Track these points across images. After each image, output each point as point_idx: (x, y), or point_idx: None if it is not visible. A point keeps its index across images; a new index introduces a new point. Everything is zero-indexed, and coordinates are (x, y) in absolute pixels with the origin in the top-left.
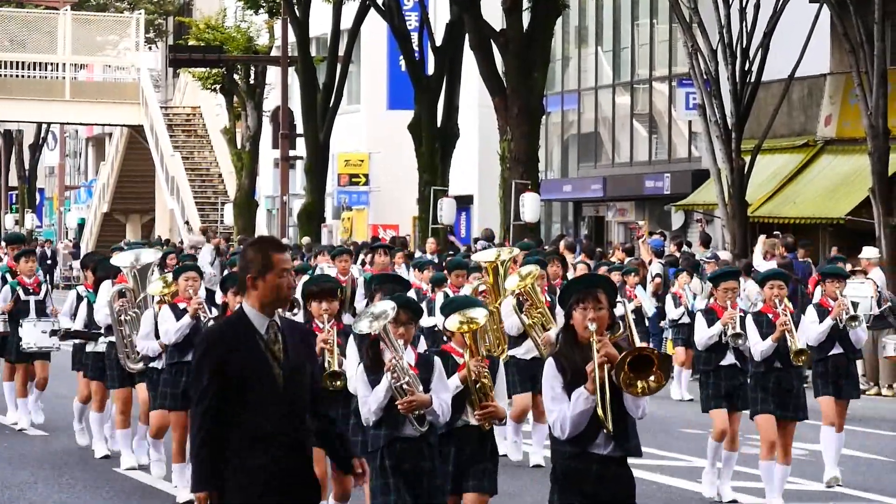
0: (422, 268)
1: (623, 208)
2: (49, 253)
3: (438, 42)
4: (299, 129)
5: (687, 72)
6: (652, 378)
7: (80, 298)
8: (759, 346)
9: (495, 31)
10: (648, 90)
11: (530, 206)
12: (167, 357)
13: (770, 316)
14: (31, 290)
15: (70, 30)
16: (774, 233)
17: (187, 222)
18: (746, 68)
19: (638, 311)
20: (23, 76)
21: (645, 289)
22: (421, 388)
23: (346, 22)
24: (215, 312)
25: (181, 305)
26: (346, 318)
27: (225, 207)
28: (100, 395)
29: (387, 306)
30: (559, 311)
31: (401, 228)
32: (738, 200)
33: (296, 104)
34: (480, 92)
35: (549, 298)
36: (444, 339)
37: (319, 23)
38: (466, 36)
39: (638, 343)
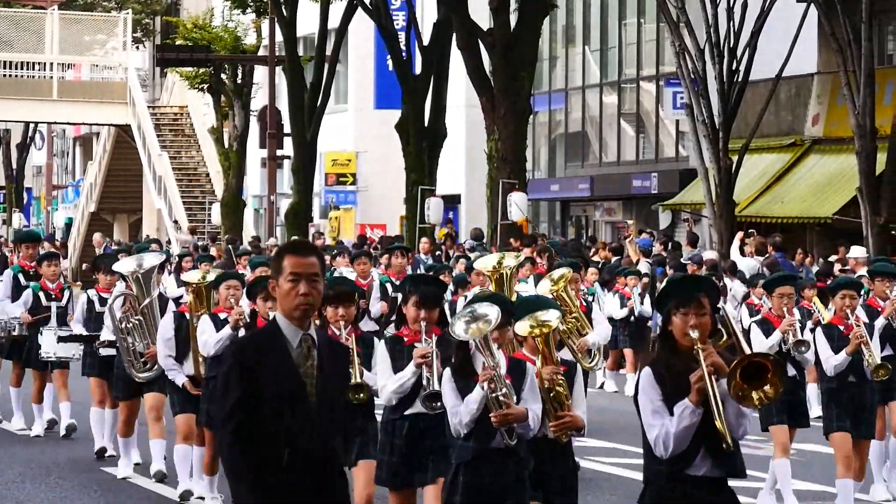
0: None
1: (610, 208)
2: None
3: (426, 41)
4: (287, 128)
5: (674, 71)
6: (768, 387)
7: (90, 302)
8: (831, 361)
9: (482, 30)
10: (636, 90)
11: (517, 206)
12: (207, 370)
13: (841, 328)
14: (54, 296)
15: (57, 29)
16: (750, 231)
17: (176, 221)
18: (734, 68)
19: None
20: (10, 76)
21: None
22: (516, 399)
23: (334, 21)
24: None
25: (222, 315)
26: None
27: (212, 207)
28: (101, 391)
29: (490, 311)
30: (594, 313)
31: (388, 228)
32: (725, 200)
33: (283, 104)
34: (468, 91)
35: (584, 302)
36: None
37: (307, 22)
38: (454, 35)
39: (746, 349)
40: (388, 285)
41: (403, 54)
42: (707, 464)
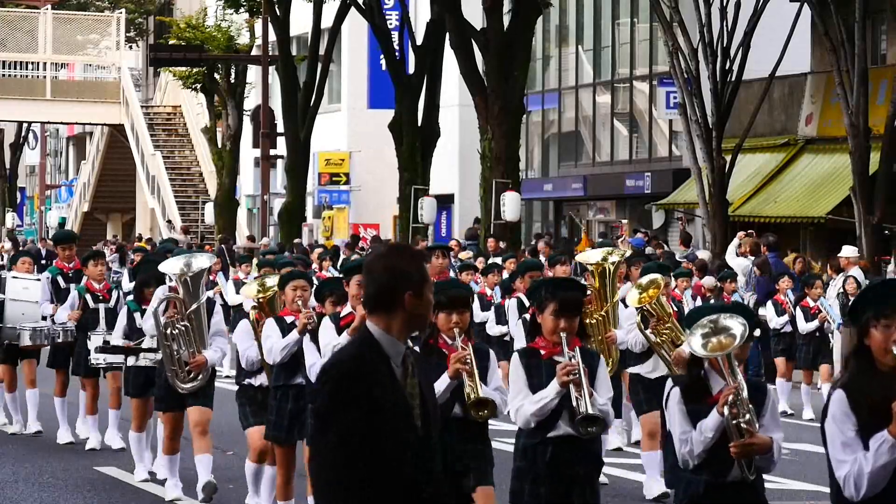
0: (486, 272)
1: (604, 207)
2: (44, 252)
3: (419, 41)
4: (280, 128)
5: (668, 71)
6: None
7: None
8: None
9: (476, 30)
10: (629, 89)
11: (511, 206)
12: (273, 379)
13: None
14: (101, 298)
15: (51, 29)
16: (749, 231)
17: (169, 221)
18: (727, 67)
19: None
20: (3, 75)
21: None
22: (758, 425)
23: (327, 21)
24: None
25: (288, 319)
26: None
27: (206, 206)
28: (140, 412)
29: (734, 323)
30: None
31: (381, 227)
32: (718, 199)
33: (276, 103)
34: (461, 91)
35: (675, 308)
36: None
37: (300, 22)
38: (447, 35)
39: None
40: None
41: (397, 54)
42: None
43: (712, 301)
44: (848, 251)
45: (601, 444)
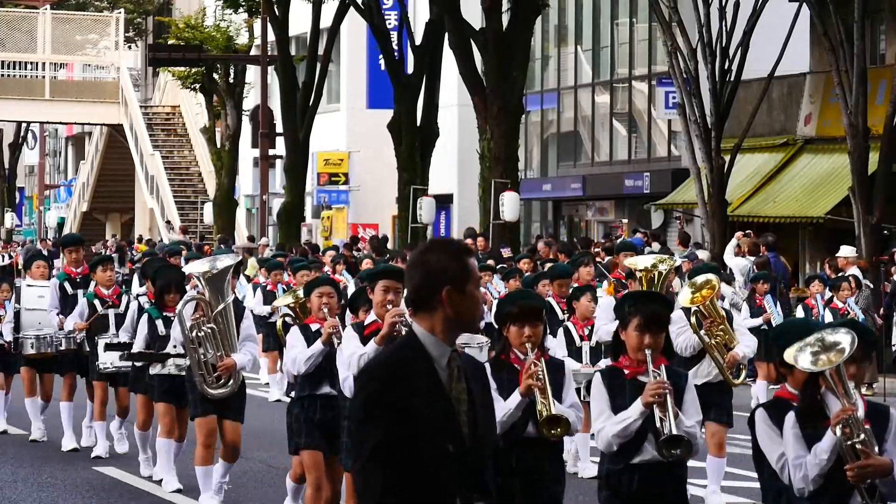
0: (508, 277)
1: (603, 207)
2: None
3: (418, 41)
4: (279, 128)
5: (667, 71)
6: None
7: (141, 311)
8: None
9: (475, 30)
10: (628, 89)
11: (510, 206)
12: (297, 389)
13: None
14: (111, 303)
15: (50, 29)
16: (747, 231)
17: (168, 221)
18: (726, 67)
19: None
20: (2, 75)
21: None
22: (877, 448)
23: (326, 21)
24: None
25: (313, 327)
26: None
27: (205, 206)
28: (169, 418)
29: (844, 339)
30: (735, 323)
31: (380, 227)
32: (717, 199)
33: (275, 103)
34: (460, 91)
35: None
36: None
37: (299, 22)
38: (446, 35)
39: None
40: None
41: (396, 54)
42: None
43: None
44: (846, 251)
45: (687, 470)
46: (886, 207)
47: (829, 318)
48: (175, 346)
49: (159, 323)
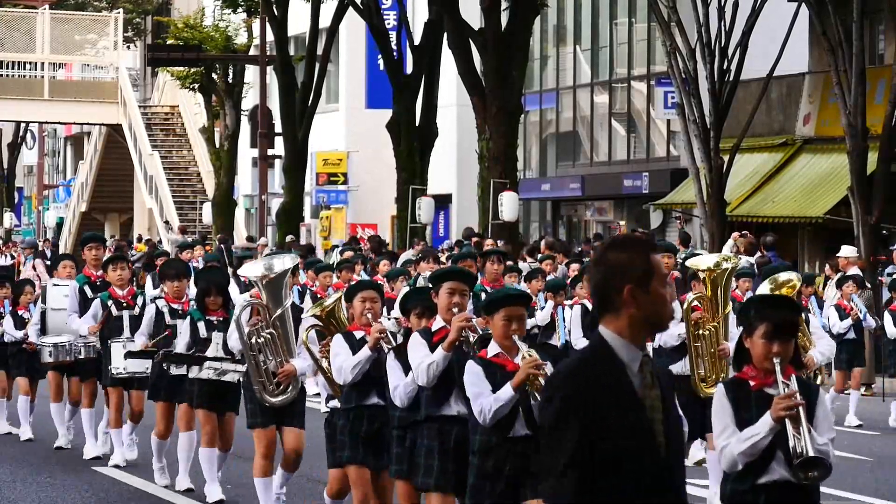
0: (530, 278)
1: (602, 207)
2: (48, 253)
3: (417, 41)
4: (278, 128)
5: (665, 71)
6: None
7: (160, 314)
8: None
9: (474, 30)
10: (627, 89)
11: (509, 206)
12: (343, 400)
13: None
14: (125, 304)
15: (48, 29)
16: (743, 232)
17: (167, 222)
18: (725, 67)
19: None
20: (1, 75)
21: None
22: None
23: (325, 21)
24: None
25: (358, 334)
26: None
27: (203, 206)
28: (210, 426)
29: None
30: (812, 325)
31: (379, 227)
32: (716, 199)
33: (274, 103)
34: (459, 91)
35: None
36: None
37: (298, 22)
38: (445, 35)
39: None
40: (483, 294)
41: (395, 54)
42: None
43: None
44: (847, 251)
45: (819, 494)
46: (885, 207)
47: (834, 316)
48: (217, 350)
49: (201, 325)
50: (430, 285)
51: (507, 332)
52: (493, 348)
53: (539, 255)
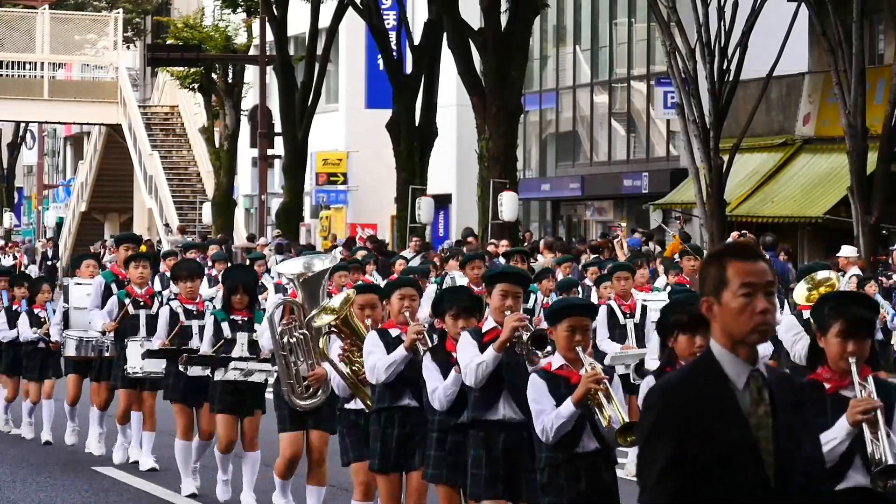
0: (540, 278)
1: (601, 207)
2: (50, 253)
3: (417, 41)
4: (277, 128)
5: (665, 71)
6: None
7: (174, 315)
8: None
9: (473, 30)
10: (626, 89)
11: (508, 205)
12: (376, 401)
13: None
14: (143, 303)
15: (48, 29)
16: (743, 231)
17: (167, 225)
18: (725, 67)
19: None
20: (1, 75)
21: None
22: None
23: (325, 21)
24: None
25: (394, 332)
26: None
27: (203, 206)
28: (228, 431)
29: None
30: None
31: (379, 227)
32: (716, 199)
33: (274, 103)
34: (459, 91)
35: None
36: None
37: (297, 22)
38: (445, 35)
39: None
40: None
41: (394, 54)
42: None
43: None
44: (847, 251)
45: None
46: (885, 207)
47: None
48: (243, 351)
49: (225, 325)
50: (480, 285)
51: (571, 344)
52: (556, 360)
53: (558, 258)
